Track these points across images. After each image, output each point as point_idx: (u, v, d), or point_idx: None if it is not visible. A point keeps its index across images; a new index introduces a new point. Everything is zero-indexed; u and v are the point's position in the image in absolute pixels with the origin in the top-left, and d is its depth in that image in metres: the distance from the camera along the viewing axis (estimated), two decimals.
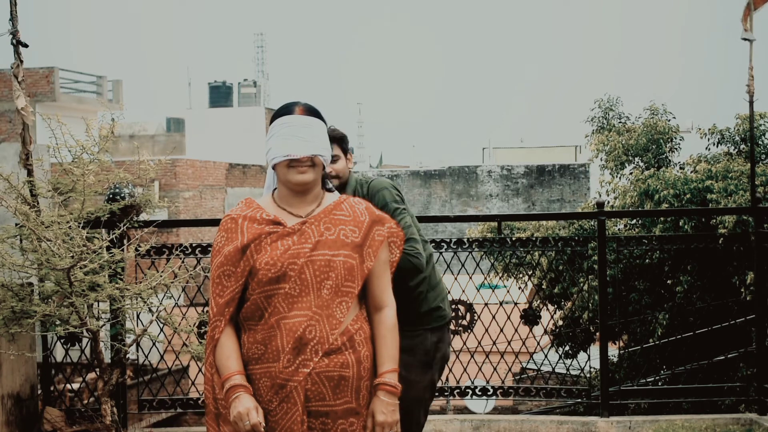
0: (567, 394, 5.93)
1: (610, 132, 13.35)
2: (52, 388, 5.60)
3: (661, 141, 12.86)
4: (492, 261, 6.19)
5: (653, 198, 11.13)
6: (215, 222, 4.65)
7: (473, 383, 5.69)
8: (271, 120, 2.94)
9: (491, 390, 5.69)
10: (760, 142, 12.14)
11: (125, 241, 5.12)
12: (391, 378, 2.87)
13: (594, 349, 6.78)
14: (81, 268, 4.54)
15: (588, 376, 5.94)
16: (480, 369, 5.77)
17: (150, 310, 5.05)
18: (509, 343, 5.94)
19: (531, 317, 5.83)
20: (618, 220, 12.10)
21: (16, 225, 4.92)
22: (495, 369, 5.80)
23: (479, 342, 5.75)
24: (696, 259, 9.92)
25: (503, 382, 5.91)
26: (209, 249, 5.31)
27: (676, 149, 13.09)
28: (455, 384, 5.70)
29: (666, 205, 10.83)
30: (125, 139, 29.43)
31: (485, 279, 6.03)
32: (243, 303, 2.86)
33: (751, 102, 6.11)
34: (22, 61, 5.24)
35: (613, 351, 10.99)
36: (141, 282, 4.95)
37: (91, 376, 5.72)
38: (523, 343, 5.91)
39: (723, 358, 7.37)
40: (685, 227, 10.55)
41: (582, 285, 9.67)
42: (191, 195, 26.10)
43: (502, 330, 5.81)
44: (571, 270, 9.87)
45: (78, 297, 4.55)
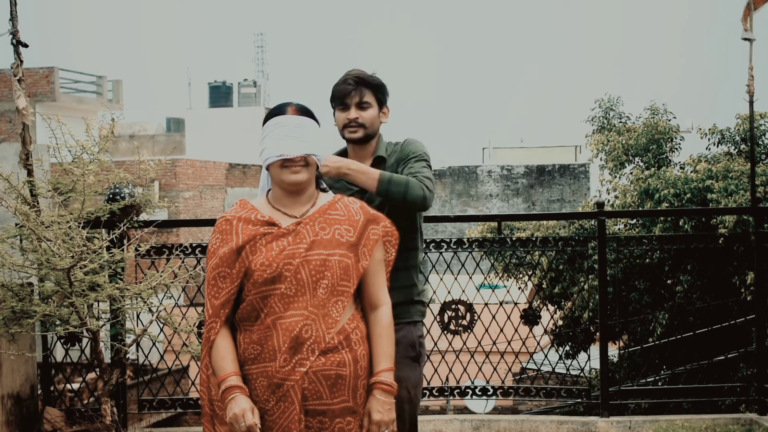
0: (567, 394, 5.93)
1: (610, 132, 13.35)
2: (52, 388, 5.60)
3: (662, 141, 12.86)
4: (492, 261, 6.19)
5: (653, 197, 11.13)
6: (215, 222, 4.64)
7: (473, 383, 5.69)
8: (264, 121, 2.95)
9: (491, 390, 5.68)
10: (760, 142, 12.14)
11: (125, 241, 5.12)
12: (387, 377, 2.87)
13: (594, 349, 6.79)
14: (81, 268, 4.54)
15: (588, 376, 5.94)
16: (480, 369, 5.76)
17: (150, 310, 5.05)
18: (509, 343, 5.93)
19: (531, 317, 5.83)
20: (618, 219, 12.10)
21: (16, 225, 4.91)
22: (495, 369, 5.80)
23: (479, 342, 5.75)
24: (696, 259, 9.91)
25: (503, 382, 5.91)
26: None
27: (676, 149, 13.09)
28: (455, 384, 5.70)
29: (666, 205, 10.83)
30: (125, 139, 29.44)
31: (485, 279, 6.03)
32: (239, 304, 2.86)
33: (751, 102, 6.11)
34: (22, 61, 5.23)
35: (613, 351, 10.99)
36: (141, 282, 4.95)
37: (91, 376, 5.72)
38: (523, 343, 5.91)
39: (723, 358, 7.37)
40: (686, 227, 10.55)
41: (582, 285, 9.66)
42: (191, 195, 26.10)
43: (502, 330, 5.81)
44: (571, 270, 9.87)
45: (78, 297, 4.55)
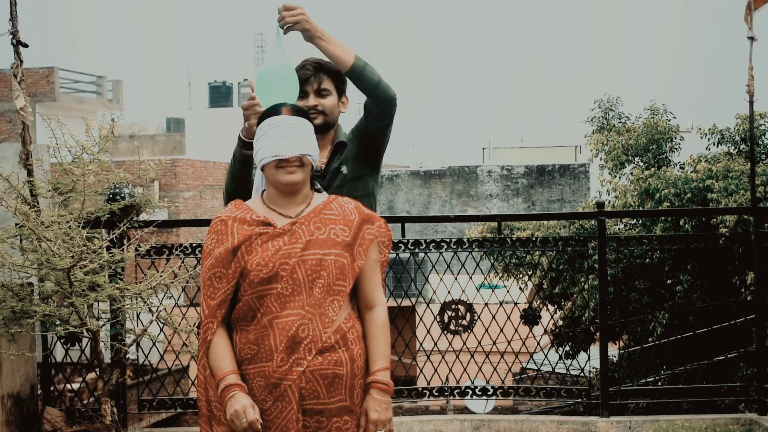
0: (567, 394, 5.93)
1: (609, 132, 13.35)
2: (52, 388, 5.60)
3: (661, 141, 12.86)
4: (492, 261, 6.19)
5: (654, 197, 11.13)
6: None
7: (473, 383, 5.69)
8: (258, 122, 2.95)
9: (491, 390, 5.68)
10: (760, 141, 12.14)
11: (125, 241, 5.12)
12: (384, 376, 2.88)
13: (594, 349, 6.79)
14: (81, 268, 4.54)
15: (588, 376, 5.94)
16: (480, 369, 5.76)
17: (150, 310, 5.05)
18: (509, 343, 5.94)
19: (531, 317, 5.83)
20: (618, 219, 12.10)
21: (16, 225, 4.91)
22: (495, 369, 5.80)
23: (479, 342, 5.75)
24: (696, 259, 9.92)
25: (503, 382, 5.91)
26: None
27: (676, 149, 13.09)
28: (455, 384, 5.70)
29: (667, 204, 10.82)
30: (125, 139, 29.44)
31: (485, 279, 6.03)
32: (235, 304, 2.86)
33: (751, 102, 6.11)
34: (22, 61, 5.23)
35: (613, 351, 11.00)
36: (141, 282, 4.95)
37: (91, 376, 5.72)
38: (523, 343, 5.91)
39: (723, 358, 7.37)
40: (686, 227, 10.55)
41: (582, 285, 9.66)
42: (191, 195, 26.10)
43: (502, 330, 5.81)
44: (572, 270, 9.87)
45: (78, 297, 4.55)
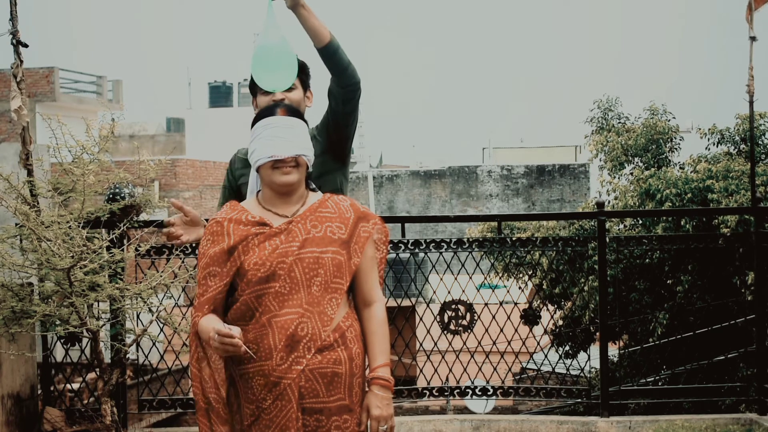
0: (567, 394, 5.93)
1: (609, 132, 13.35)
2: (52, 388, 5.60)
3: (661, 141, 12.86)
4: (492, 261, 6.19)
5: (654, 197, 11.13)
6: None
7: (473, 383, 5.69)
8: (253, 122, 2.95)
9: (491, 390, 5.68)
10: (760, 141, 12.15)
11: (125, 241, 5.12)
12: (385, 372, 2.90)
13: (594, 349, 6.79)
14: (81, 268, 4.54)
15: (588, 376, 5.94)
16: (480, 369, 5.76)
17: (150, 310, 5.05)
18: (509, 343, 5.94)
19: (531, 317, 5.83)
20: (618, 220, 12.10)
21: (16, 225, 4.91)
22: (495, 369, 5.80)
23: (479, 342, 5.75)
24: (696, 259, 9.92)
25: (503, 382, 5.91)
26: None
27: (675, 149, 13.09)
28: (455, 384, 5.70)
29: (669, 204, 10.83)
30: (125, 139, 29.43)
31: (485, 279, 6.03)
32: (228, 307, 2.87)
33: (751, 102, 6.11)
34: (22, 61, 5.23)
35: (613, 351, 11.00)
36: (141, 282, 4.95)
37: (91, 376, 5.72)
38: (523, 343, 5.91)
39: (723, 358, 7.37)
40: (686, 227, 10.55)
41: (582, 285, 9.66)
42: (191, 195, 26.10)
43: (502, 330, 5.81)
44: (572, 270, 9.86)
45: (78, 297, 4.55)
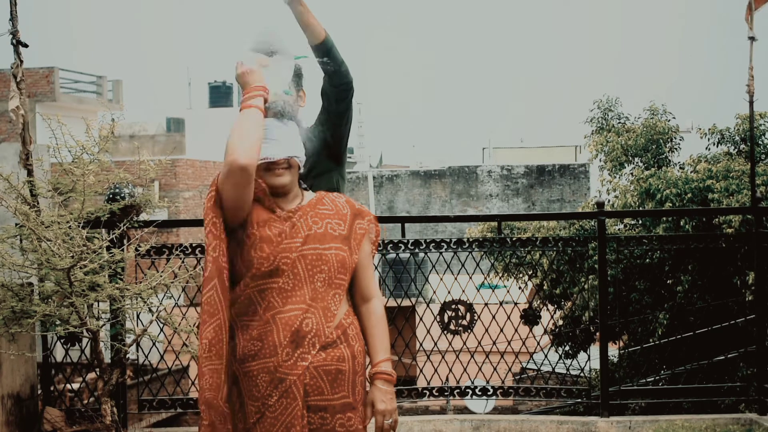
0: (567, 394, 5.93)
1: (609, 132, 13.35)
2: (52, 388, 5.60)
3: (661, 141, 12.86)
4: (492, 261, 6.19)
5: (654, 197, 11.13)
6: None
7: (473, 383, 5.69)
8: None
9: (491, 390, 5.68)
10: (760, 141, 12.15)
11: (125, 241, 5.12)
12: (387, 366, 2.93)
13: (594, 349, 6.79)
14: (81, 268, 4.54)
15: (588, 376, 5.94)
16: (480, 369, 5.76)
17: (150, 310, 5.05)
18: (509, 343, 5.93)
19: (531, 317, 5.83)
20: (618, 220, 12.10)
21: (16, 225, 4.91)
22: (495, 369, 5.80)
23: (479, 342, 5.75)
24: (697, 259, 9.92)
25: (503, 382, 5.91)
26: None
27: (675, 149, 13.09)
28: (455, 384, 5.70)
29: (669, 204, 10.83)
30: (125, 139, 29.39)
31: (485, 279, 6.03)
32: (233, 301, 2.86)
33: (751, 102, 6.11)
34: (22, 61, 5.23)
35: (613, 351, 11.00)
36: (141, 282, 4.95)
37: (91, 376, 5.72)
38: (523, 343, 5.91)
39: (723, 358, 7.37)
40: (686, 227, 10.55)
41: (582, 285, 9.66)
42: (191, 195, 26.09)
43: (502, 330, 5.81)
44: (572, 270, 9.87)
45: (78, 297, 4.55)
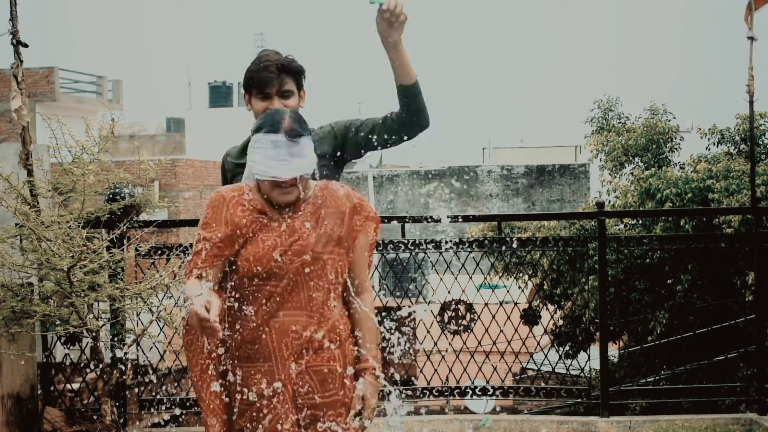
0: (567, 394, 5.93)
1: (609, 132, 13.35)
2: (52, 388, 5.60)
3: (661, 141, 12.86)
4: (492, 261, 6.19)
5: (654, 197, 11.13)
6: None
7: (473, 383, 5.69)
8: (256, 129, 2.84)
9: (491, 390, 5.68)
10: (760, 141, 12.15)
11: (125, 241, 5.12)
12: (375, 362, 2.95)
13: (594, 349, 6.78)
14: (81, 268, 4.54)
15: (588, 376, 5.93)
16: (480, 369, 5.76)
17: (150, 310, 5.05)
18: (509, 343, 5.93)
19: (531, 317, 5.83)
20: (618, 220, 12.10)
21: (16, 225, 4.91)
22: (495, 369, 5.80)
23: (479, 342, 5.75)
24: (697, 259, 9.91)
25: (503, 382, 5.91)
26: None
27: (676, 149, 13.09)
28: (455, 384, 5.70)
29: (669, 204, 10.83)
30: (125, 139, 29.40)
31: (485, 279, 6.02)
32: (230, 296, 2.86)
33: (751, 102, 6.11)
34: (22, 61, 5.23)
35: (613, 351, 10.98)
36: (141, 282, 4.95)
37: (91, 376, 5.72)
38: (523, 343, 5.91)
39: (723, 358, 7.37)
40: (686, 227, 10.55)
41: (582, 285, 9.66)
42: (191, 195, 26.09)
43: (502, 330, 5.81)
44: (572, 270, 9.86)
45: (78, 297, 4.55)
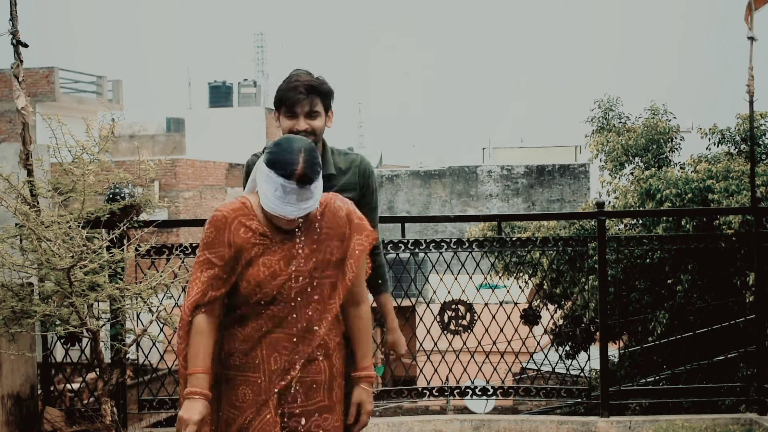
0: (567, 394, 5.93)
1: (609, 132, 13.35)
2: (52, 388, 5.60)
3: (661, 141, 12.86)
4: (492, 261, 6.19)
5: (654, 197, 11.13)
6: None
7: (473, 383, 5.69)
8: (268, 162, 2.77)
9: (491, 390, 5.68)
10: (760, 142, 12.14)
11: (125, 241, 5.12)
12: (371, 370, 3.02)
13: (594, 349, 6.79)
14: (81, 268, 4.54)
15: (588, 376, 5.94)
16: (480, 369, 5.76)
17: (150, 310, 5.05)
18: (509, 343, 5.93)
19: (531, 317, 5.83)
20: (618, 220, 12.10)
21: (16, 225, 4.91)
22: (495, 369, 5.80)
23: (479, 342, 5.75)
24: (697, 259, 9.91)
25: (503, 382, 5.91)
26: None
27: (676, 149, 13.09)
28: (455, 384, 5.70)
29: (669, 205, 10.82)
30: (125, 139, 29.42)
31: (485, 279, 6.02)
32: (226, 311, 2.89)
33: (751, 102, 6.11)
34: (22, 61, 5.23)
35: (613, 351, 10.99)
36: (141, 282, 4.95)
37: (91, 376, 5.72)
38: (523, 343, 5.91)
39: (723, 358, 7.37)
40: (687, 227, 10.55)
41: (583, 285, 9.66)
42: (191, 195, 26.09)
43: (502, 330, 5.81)
44: (572, 270, 9.86)
45: (78, 297, 4.55)
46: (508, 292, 6.60)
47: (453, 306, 5.83)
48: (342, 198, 2.98)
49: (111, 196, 5.20)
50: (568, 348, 11.68)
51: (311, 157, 2.76)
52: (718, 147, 12.52)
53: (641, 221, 11.80)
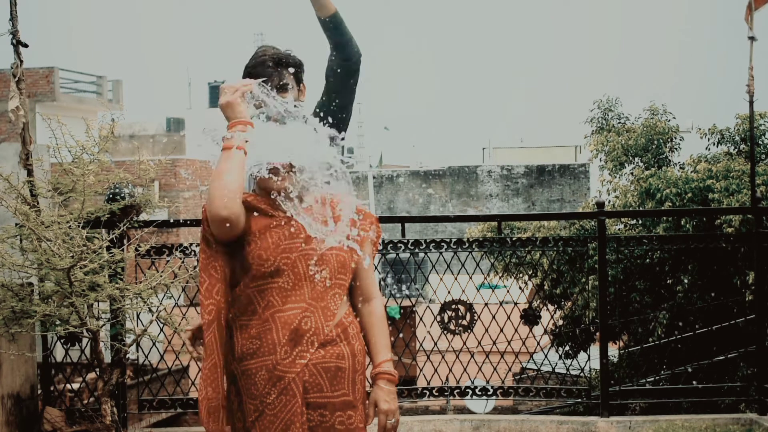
0: (567, 394, 5.93)
1: (609, 132, 13.35)
2: (52, 388, 5.60)
3: (661, 141, 12.86)
4: (492, 261, 6.19)
5: (654, 197, 11.13)
6: None
7: (473, 383, 5.69)
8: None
9: (491, 390, 5.69)
10: (760, 141, 12.15)
11: (125, 241, 5.12)
12: (389, 366, 2.93)
13: (594, 349, 6.79)
14: (81, 268, 4.54)
15: (588, 376, 5.94)
16: (480, 369, 5.76)
17: (150, 310, 5.05)
18: (509, 343, 5.93)
19: (531, 317, 5.83)
20: (618, 220, 12.11)
21: (16, 225, 4.92)
22: (495, 369, 5.80)
23: (479, 342, 5.75)
24: (697, 259, 9.92)
25: (503, 382, 5.91)
26: None
27: (676, 149, 13.09)
28: (455, 384, 5.70)
29: (669, 204, 10.83)
30: (125, 139, 29.41)
31: (485, 279, 6.03)
32: (233, 301, 2.86)
33: (751, 102, 6.11)
34: (22, 61, 5.23)
35: (613, 351, 11.00)
36: (141, 282, 4.95)
37: (91, 376, 5.72)
38: (523, 343, 5.91)
39: (723, 358, 7.37)
40: (687, 226, 10.55)
41: (583, 285, 9.66)
42: (191, 195, 26.10)
43: (502, 330, 5.82)
44: (572, 270, 9.86)
45: (78, 297, 4.55)
46: (508, 292, 6.60)
47: (453, 306, 5.83)
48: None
49: (111, 196, 5.20)
50: (567, 348, 11.67)
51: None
52: (717, 147, 12.54)
53: (641, 221, 11.80)
